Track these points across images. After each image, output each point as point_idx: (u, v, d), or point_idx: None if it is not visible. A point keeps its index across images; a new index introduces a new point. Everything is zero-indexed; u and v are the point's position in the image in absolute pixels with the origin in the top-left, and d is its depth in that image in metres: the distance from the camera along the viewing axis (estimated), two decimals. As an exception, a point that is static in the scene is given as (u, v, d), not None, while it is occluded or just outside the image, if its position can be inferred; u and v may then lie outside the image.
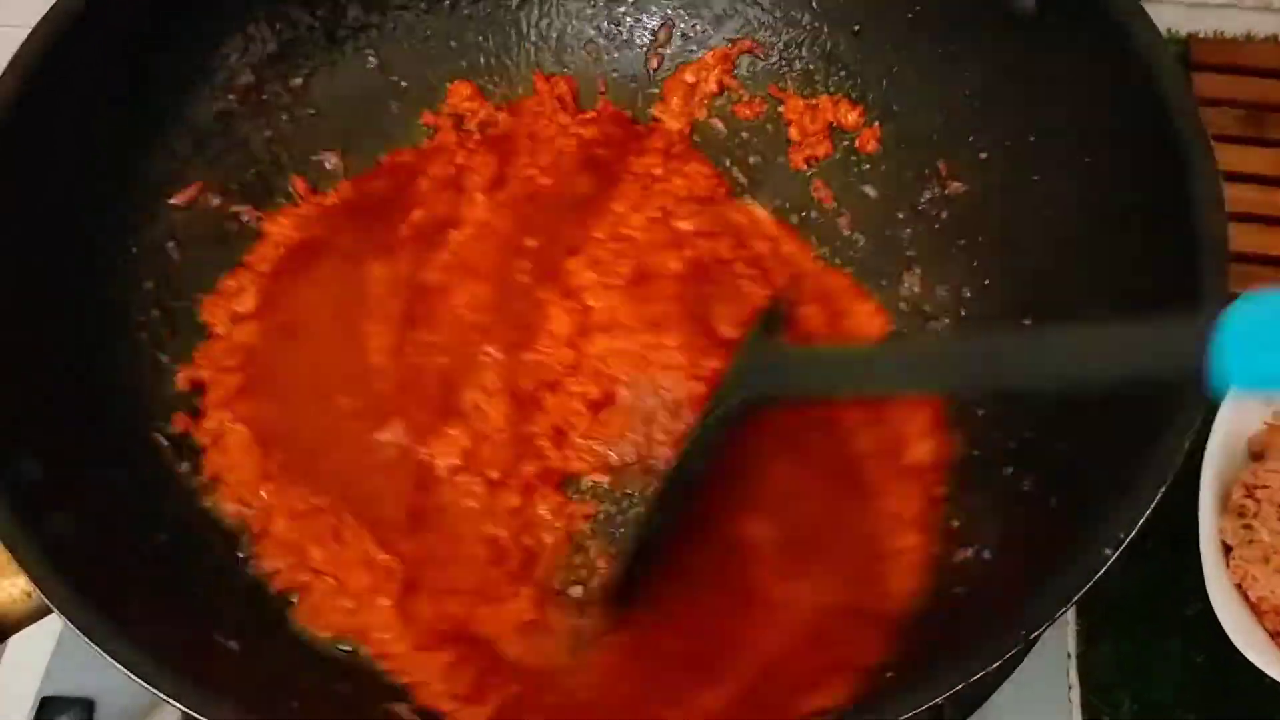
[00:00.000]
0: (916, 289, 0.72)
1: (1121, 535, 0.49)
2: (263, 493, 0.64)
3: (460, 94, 0.77)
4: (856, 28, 0.75)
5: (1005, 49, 0.67)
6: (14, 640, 0.56)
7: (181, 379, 0.67)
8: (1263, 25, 0.94)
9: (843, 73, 0.76)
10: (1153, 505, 0.50)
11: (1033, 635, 0.47)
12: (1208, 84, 0.90)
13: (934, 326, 0.70)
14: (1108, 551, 0.48)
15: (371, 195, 0.74)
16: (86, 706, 0.69)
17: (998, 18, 0.66)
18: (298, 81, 0.74)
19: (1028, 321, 0.66)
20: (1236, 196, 0.86)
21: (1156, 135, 0.58)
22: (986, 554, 0.59)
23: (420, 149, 0.76)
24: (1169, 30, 0.94)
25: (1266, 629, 0.66)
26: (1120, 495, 0.50)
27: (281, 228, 0.72)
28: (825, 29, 0.76)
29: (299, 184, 0.74)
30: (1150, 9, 0.90)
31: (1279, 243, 0.84)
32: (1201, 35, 0.94)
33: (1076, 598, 0.48)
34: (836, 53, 0.76)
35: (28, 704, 0.70)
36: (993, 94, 0.69)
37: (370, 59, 0.76)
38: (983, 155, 0.70)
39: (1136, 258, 0.59)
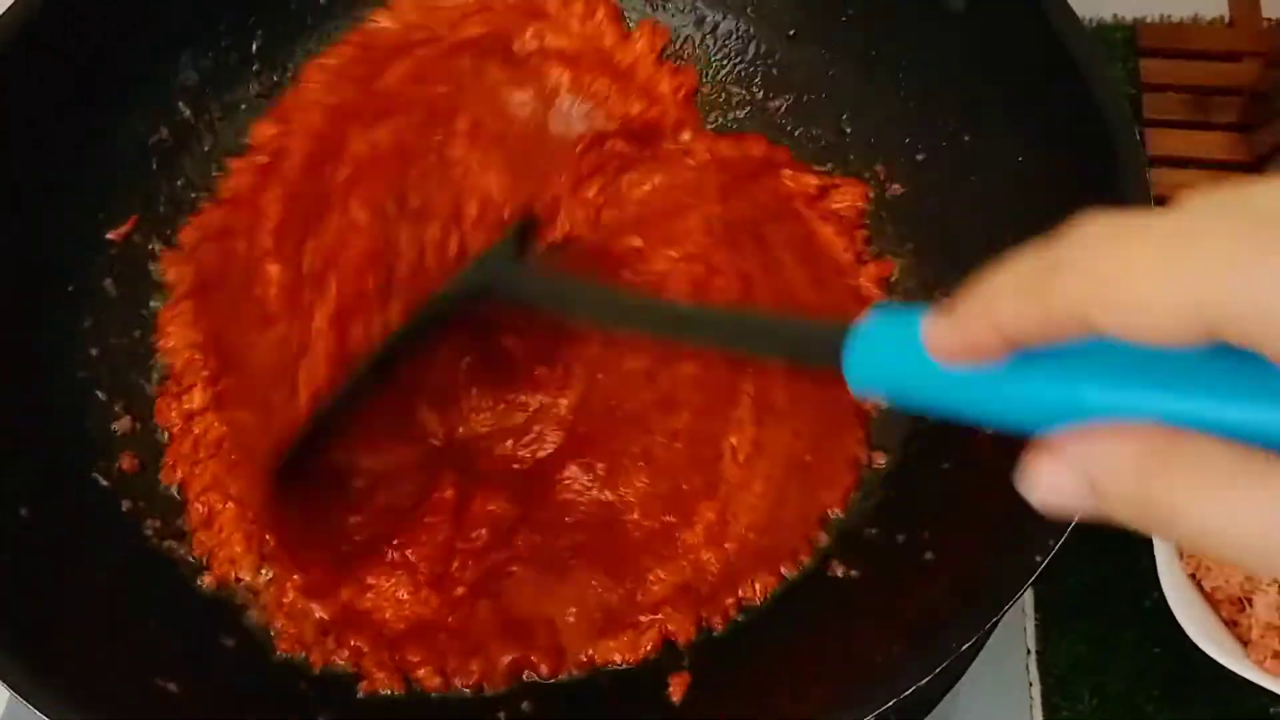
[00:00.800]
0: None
1: (1051, 542, 0.48)
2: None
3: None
4: (792, 32, 0.74)
5: (938, 48, 0.67)
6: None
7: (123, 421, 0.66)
8: (1209, 7, 0.93)
9: (778, 78, 0.76)
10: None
11: (963, 647, 0.47)
12: (1154, 69, 0.90)
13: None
14: (1038, 559, 0.48)
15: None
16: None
17: (930, 17, 0.66)
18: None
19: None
20: (1184, 181, 0.86)
21: (1084, 127, 0.58)
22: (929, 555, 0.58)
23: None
24: (1115, 16, 0.93)
25: (1222, 618, 0.67)
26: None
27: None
28: (760, 34, 0.75)
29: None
30: None
31: (1228, 227, 0.83)
32: (1148, 20, 0.93)
33: (1009, 606, 0.47)
34: (772, 58, 0.76)
35: None
36: (929, 94, 0.69)
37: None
38: (920, 157, 0.70)
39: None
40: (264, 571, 0.62)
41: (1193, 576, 0.67)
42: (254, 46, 0.74)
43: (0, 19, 0.63)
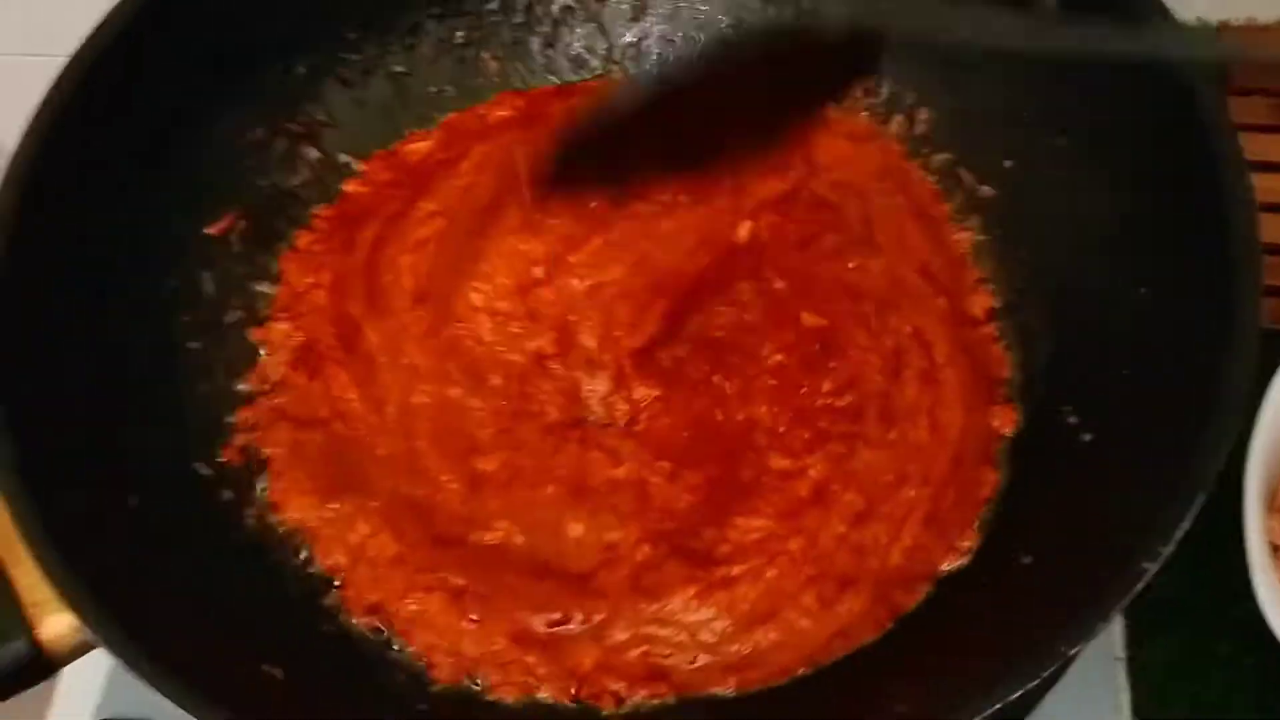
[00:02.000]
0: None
1: (1160, 548, 0.48)
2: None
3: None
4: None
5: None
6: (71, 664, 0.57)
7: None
8: (1296, 10, 0.93)
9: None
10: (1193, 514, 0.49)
11: (1072, 651, 0.47)
12: (1239, 73, 0.89)
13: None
14: (1146, 565, 0.48)
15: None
16: (143, 728, 0.72)
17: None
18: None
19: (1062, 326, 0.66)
20: (1267, 186, 0.85)
21: (1186, 138, 0.58)
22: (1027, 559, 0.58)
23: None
24: (1199, 18, 0.93)
25: (1316, 630, 0.66)
26: (1163, 502, 0.50)
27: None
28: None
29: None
30: None
31: (1319, 232, 0.83)
32: (1233, 23, 0.93)
33: (1115, 611, 0.47)
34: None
35: None
36: (1018, 98, 0.69)
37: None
38: (1009, 162, 0.70)
39: (1169, 263, 0.59)
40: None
41: (1288, 584, 0.67)
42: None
43: (110, 14, 0.65)
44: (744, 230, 0.70)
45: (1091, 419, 0.61)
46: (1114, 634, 0.72)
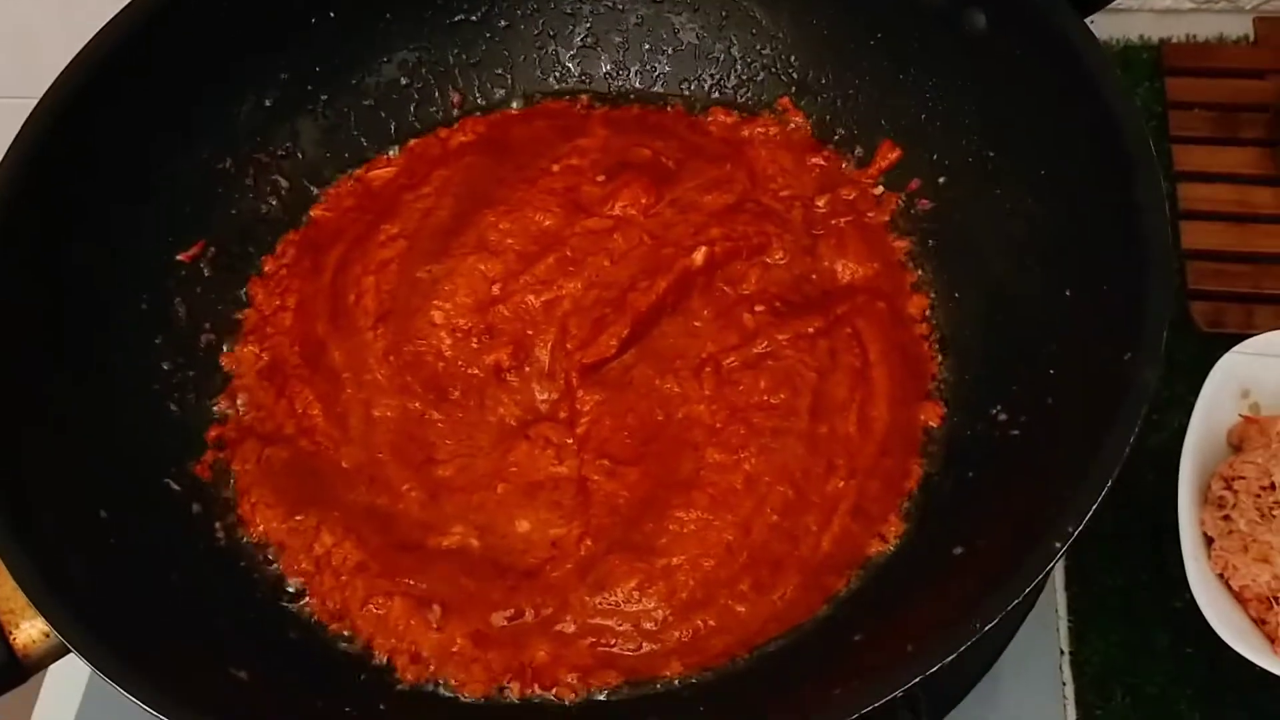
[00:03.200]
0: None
1: (1070, 529, 0.51)
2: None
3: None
4: (821, 56, 0.78)
5: (962, 69, 0.71)
6: (52, 670, 0.59)
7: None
8: (1234, 27, 0.96)
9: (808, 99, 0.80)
10: (1096, 504, 0.52)
11: (986, 627, 0.49)
12: (1180, 88, 0.93)
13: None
14: (1057, 544, 0.51)
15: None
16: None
17: (953, 39, 0.70)
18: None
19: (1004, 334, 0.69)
20: (1210, 196, 0.88)
21: (1102, 144, 0.61)
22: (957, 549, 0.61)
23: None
24: (1141, 37, 0.96)
25: (1251, 616, 0.68)
26: (1075, 486, 0.53)
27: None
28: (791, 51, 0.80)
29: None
30: (1123, 18, 0.95)
31: (1252, 240, 0.85)
32: (1174, 40, 0.96)
33: (1028, 588, 0.50)
34: (805, 81, 0.80)
35: None
36: (953, 112, 0.72)
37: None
38: (943, 178, 0.73)
39: (1090, 266, 0.62)
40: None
41: (1220, 576, 0.69)
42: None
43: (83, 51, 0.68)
44: (699, 256, 0.73)
45: (1019, 415, 0.64)
46: (1058, 628, 0.75)
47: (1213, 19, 0.97)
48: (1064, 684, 0.74)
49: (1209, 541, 0.70)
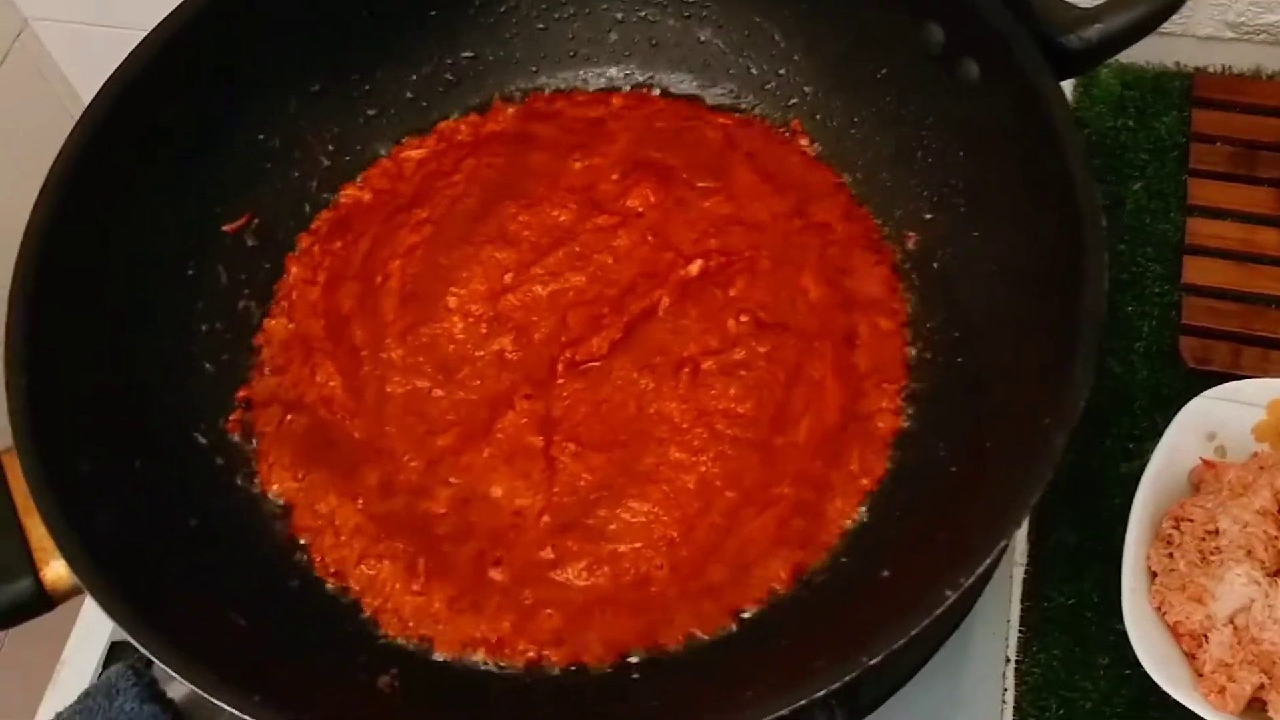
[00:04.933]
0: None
1: (961, 580, 0.56)
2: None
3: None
4: (832, 84, 0.83)
5: (955, 112, 0.74)
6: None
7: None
8: (1272, 60, 0.97)
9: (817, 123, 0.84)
10: (990, 558, 0.57)
11: (871, 661, 0.55)
12: (1205, 120, 0.94)
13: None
14: (948, 593, 0.56)
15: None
16: (146, 651, 0.84)
17: (949, 83, 0.73)
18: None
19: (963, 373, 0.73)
20: (1217, 232, 0.90)
21: (1061, 208, 0.64)
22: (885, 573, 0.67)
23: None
24: (1178, 64, 0.97)
25: (1183, 650, 0.73)
26: (977, 539, 0.58)
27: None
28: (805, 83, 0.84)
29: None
30: (1165, 42, 0.97)
31: (1253, 280, 0.87)
32: (1210, 70, 0.97)
33: (913, 633, 0.56)
34: (815, 105, 0.84)
35: (101, 646, 0.85)
36: (943, 152, 0.76)
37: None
38: (929, 214, 0.77)
39: (1043, 323, 0.65)
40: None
41: (1158, 609, 0.74)
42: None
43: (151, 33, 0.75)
44: (694, 268, 0.78)
45: (959, 452, 0.69)
46: (1007, 637, 0.80)
47: (1251, 50, 0.98)
48: (1005, 690, 0.79)
49: (1153, 576, 0.75)
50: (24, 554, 0.64)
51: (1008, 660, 0.80)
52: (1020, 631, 0.80)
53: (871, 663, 0.55)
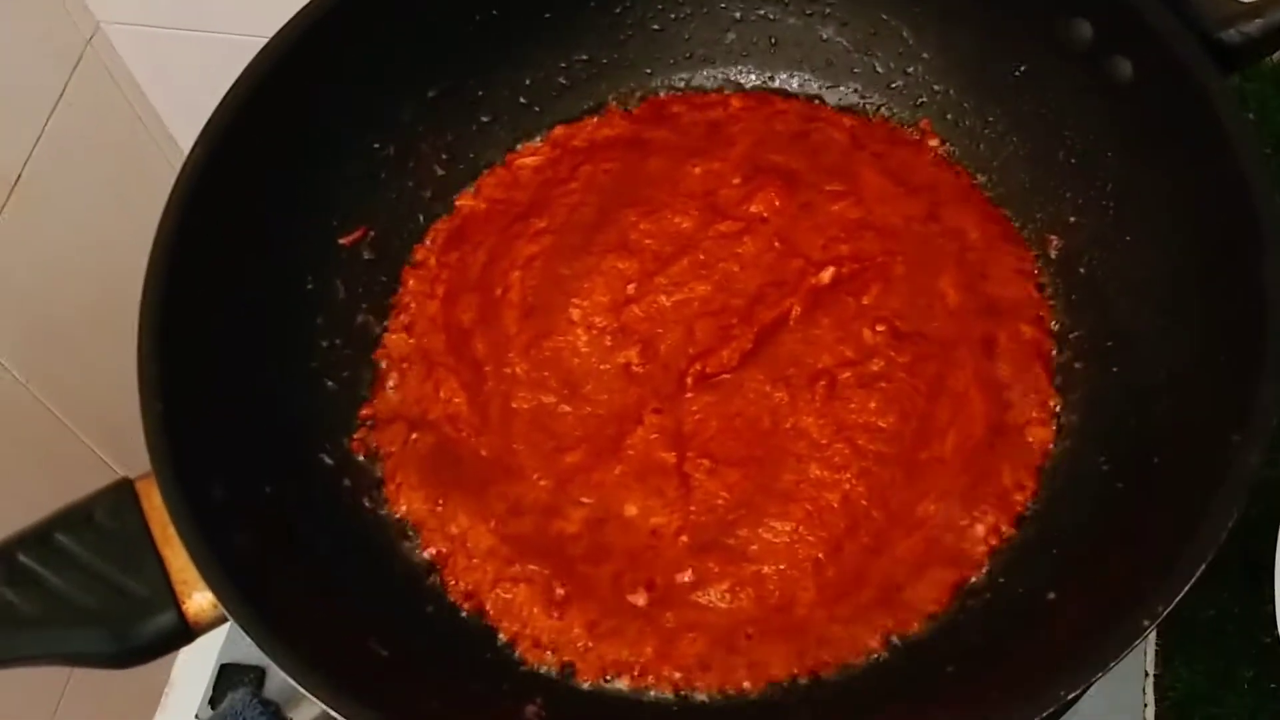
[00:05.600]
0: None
1: (1160, 609, 0.54)
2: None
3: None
4: (965, 83, 0.80)
5: (1103, 111, 0.72)
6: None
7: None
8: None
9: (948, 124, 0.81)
10: (1189, 585, 0.55)
11: (1070, 696, 0.53)
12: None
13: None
14: (1145, 622, 0.54)
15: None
16: (258, 673, 0.85)
17: (1097, 83, 0.71)
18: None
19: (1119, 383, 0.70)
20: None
21: (1233, 214, 0.62)
22: (1051, 595, 0.64)
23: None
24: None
25: (1340, 661, 0.71)
26: (1167, 566, 0.56)
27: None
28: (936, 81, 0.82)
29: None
30: None
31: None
32: None
33: (1112, 665, 0.53)
34: (946, 105, 0.82)
35: (210, 669, 0.85)
36: (1089, 154, 0.73)
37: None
38: (1073, 217, 0.75)
39: (1214, 331, 0.63)
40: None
41: (1311, 619, 0.71)
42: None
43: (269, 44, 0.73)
44: (826, 276, 0.76)
45: (1123, 468, 0.66)
46: (1146, 650, 0.78)
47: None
48: (1146, 705, 0.77)
49: (1304, 587, 0.72)
50: (165, 586, 0.62)
51: (1147, 674, 0.78)
52: (1158, 645, 0.78)
53: (1070, 696, 0.53)
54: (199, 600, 0.62)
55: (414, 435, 0.75)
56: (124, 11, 1.23)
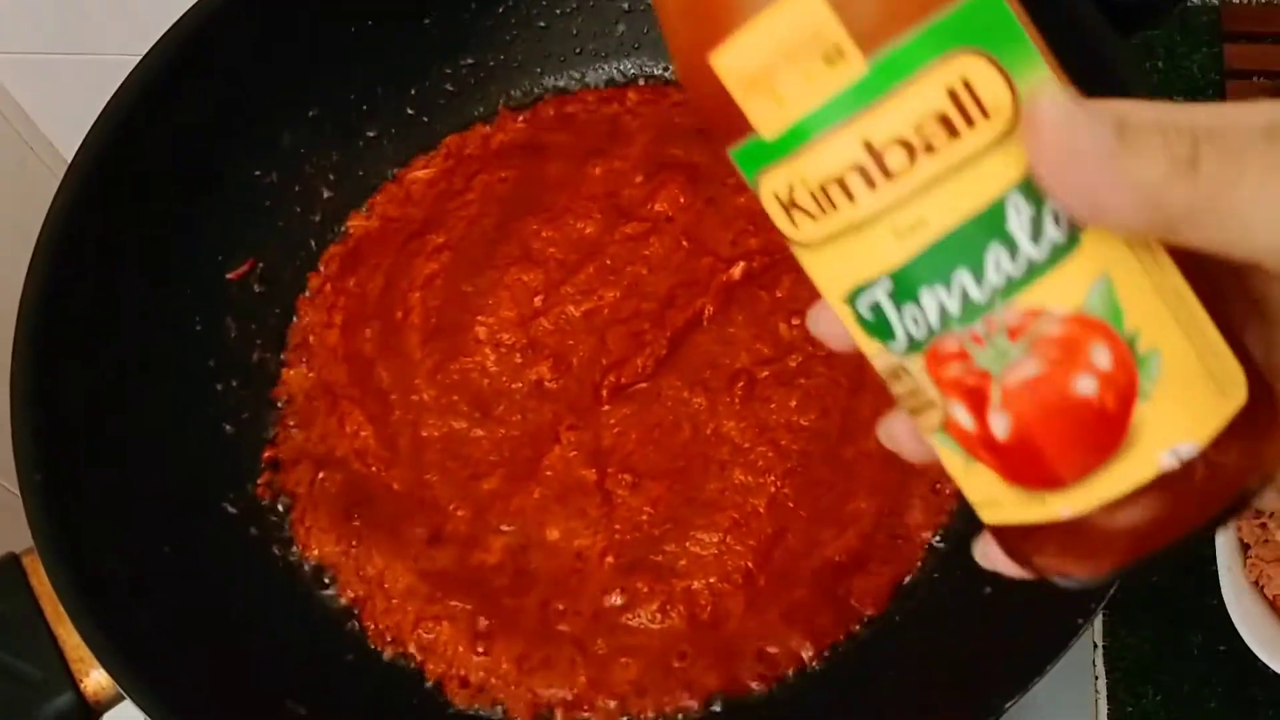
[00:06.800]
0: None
1: (1093, 605, 0.52)
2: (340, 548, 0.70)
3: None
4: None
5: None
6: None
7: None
8: (1300, -15, 0.93)
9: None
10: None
11: (1006, 705, 0.51)
12: (1239, 54, 0.90)
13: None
14: (1079, 620, 0.52)
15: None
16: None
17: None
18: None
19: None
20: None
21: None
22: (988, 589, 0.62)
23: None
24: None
25: (1284, 624, 0.70)
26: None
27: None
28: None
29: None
30: None
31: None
32: (1236, 1, 0.93)
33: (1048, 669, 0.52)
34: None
35: None
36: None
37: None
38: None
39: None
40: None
41: (1256, 583, 0.70)
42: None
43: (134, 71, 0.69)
44: (737, 271, 0.73)
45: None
46: (1094, 623, 0.76)
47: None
48: (1096, 678, 0.76)
49: (1245, 548, 0.71)
50: (61, 666, 0.59)
51: (1096, 646, 0.77)
52: (1105, 614, 0.77)
53: (1007, 706, 0.51)
54: (97, 678, 0.59)
55: (321, 474, 0.72)
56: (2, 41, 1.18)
